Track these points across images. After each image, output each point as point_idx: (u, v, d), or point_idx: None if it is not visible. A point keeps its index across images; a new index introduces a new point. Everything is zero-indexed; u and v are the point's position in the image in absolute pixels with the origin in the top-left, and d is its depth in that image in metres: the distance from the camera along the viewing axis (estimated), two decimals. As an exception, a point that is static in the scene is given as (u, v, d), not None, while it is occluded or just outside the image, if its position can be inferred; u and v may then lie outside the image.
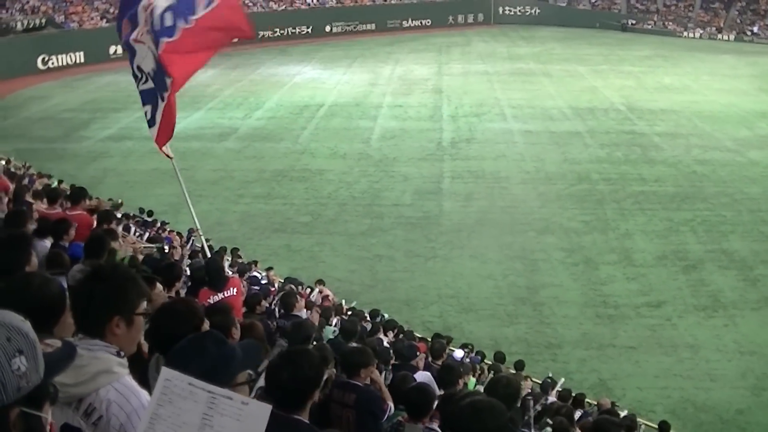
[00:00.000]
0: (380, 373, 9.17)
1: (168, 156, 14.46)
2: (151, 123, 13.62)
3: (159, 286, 8.91)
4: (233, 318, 6.84)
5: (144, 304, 4.19)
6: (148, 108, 13.60)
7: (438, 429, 7.03)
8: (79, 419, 3.83)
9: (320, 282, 24.06)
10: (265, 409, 3.06)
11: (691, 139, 47.68)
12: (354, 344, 11.92)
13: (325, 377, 6.32)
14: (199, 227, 16.83)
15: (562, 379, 19.29)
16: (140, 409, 3.79)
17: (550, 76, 69.43)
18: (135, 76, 13.47)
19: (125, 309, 4.03)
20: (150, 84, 13.19)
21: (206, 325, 5.20)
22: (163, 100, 13.04)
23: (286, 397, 4.81)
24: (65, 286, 4.95)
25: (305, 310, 15.26)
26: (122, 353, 4.00)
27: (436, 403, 7.57)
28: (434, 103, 58.69)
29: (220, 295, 10.76)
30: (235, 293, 11.13)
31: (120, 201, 30.05)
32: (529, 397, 9.57)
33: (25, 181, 24.73)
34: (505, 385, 7.62)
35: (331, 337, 13.75)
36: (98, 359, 3.87)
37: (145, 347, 5.14)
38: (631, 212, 35.28)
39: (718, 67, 74.20)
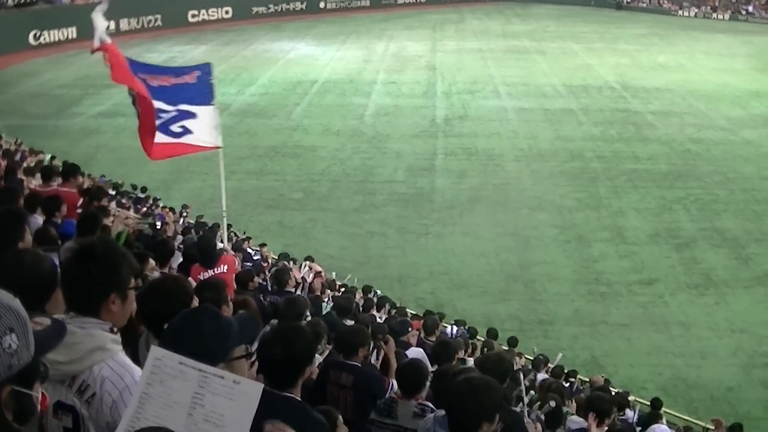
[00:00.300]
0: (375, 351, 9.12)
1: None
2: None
3: (151, 261, 8.90)
4: (225, 294, 6.83)
5: (134, 279, 4.19)
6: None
7: (431, 405, 7.02)
8: (73, 397, 3.81)
9: (309, 258, 24.08)
10: (256, 388, 3.05)
11: (685, 118, 47.68)
12: (349, 322, 11.93)
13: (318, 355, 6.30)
14: (225, 215, 17.46)
15: (560, 355, 19.32)
16: (133, 386, 3.76)
17: (545, 53, 69.32)
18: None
19: (121, 285, 4.02)
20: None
21: (195, 302, 5.18)
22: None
23: (278, 374, 4.79)
24: (56, 262, 4.93)
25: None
26: (115, 329, 3.99)
27: (429, 379, 7.55)
28: (428, 80, 58.57)
29: (211, 272, 10.76)
30: (225, 270, 11.11)
31: (120, 182, 30.10)
32: (519, 373, 9.59)
33: (17, 157, 24.68)
34: (495, 362, 7.62)
35: (324, 312, 13.71)
36: (92, 336, 3.84)
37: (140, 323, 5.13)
38: (624, 190, 35.31)
39: (713, 46, 74.13)
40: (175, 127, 14.48)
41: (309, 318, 10.16)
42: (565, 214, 32.52)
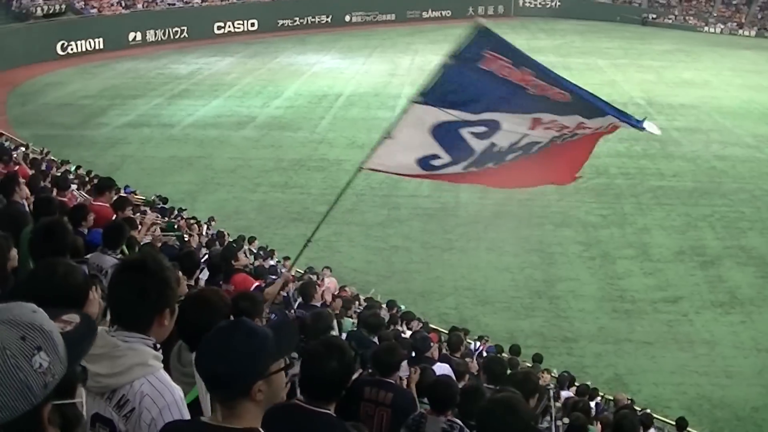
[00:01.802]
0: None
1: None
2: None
3: (179, 273, 8.90)
4: (261, 306, 6.81)
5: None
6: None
7: (459, 422, 6.99)
8: (111, 411, 3.80)
9: (327, 268, 24.21)
10: None
11: (710, 135, 47.47)
12: (381, 339, 11.89)
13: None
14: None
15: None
16: (173, 405, 3.76)
17: (570, 69, 69.00)
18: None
19: (173, 300, 4.03)
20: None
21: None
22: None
23: (323, 389, 4.76)
24: (87, 273, 4.94)
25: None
26: (158, 345, 3.98)
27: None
28: (453, 94, 58.39)
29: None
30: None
31: (153, 198, 30.21)
32: (546, 390, 9.55)
33: (42, 167, 24.78)
34: (521, 381, 7.58)
35: (352, 329, 13.70)
36: (134, 351, 3.84)
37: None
38: (649, 207, 35.18)
39: (739, 63, 73.74)
40: None
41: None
42: (590, 231, 32.42)
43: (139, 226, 13.61)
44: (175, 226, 22.16)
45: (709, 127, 49.52)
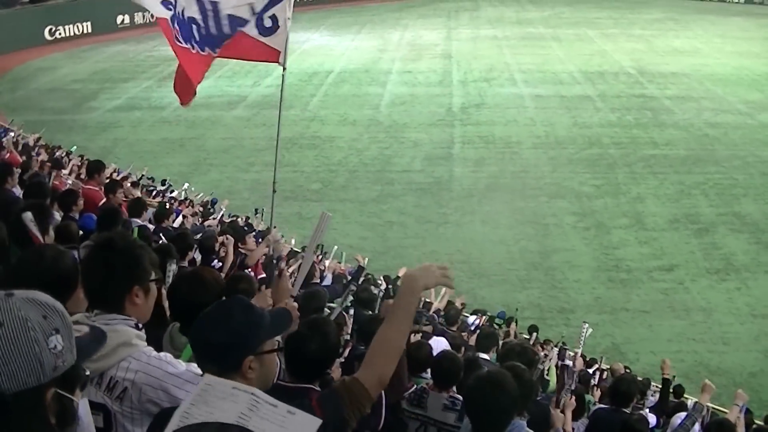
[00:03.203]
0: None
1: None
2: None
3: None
4: (257, 287, 6.84)
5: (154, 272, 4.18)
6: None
7: (460, 398, 6.99)
8: (102, 395, 3.80)
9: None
10: (314, 423, 2.91)
11: (702, 102, 47.41)
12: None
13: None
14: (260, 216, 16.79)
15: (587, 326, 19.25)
16: (169, 368, 3.78)
17: (560, 40, 69.01)
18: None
19: (143, 278, 4.02)
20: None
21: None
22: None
23: (309, 368, 4.77)
24: (77, 259, 4.93)
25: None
26: (140, 325, 3.98)
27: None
28: (443, 68, 58.39)
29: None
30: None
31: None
32: (540, 362, 9.58)
33: (34, 152, 24.73)
34: (519, 353, 7.60)
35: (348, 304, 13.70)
36: (117, 332, 3.84)
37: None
38: (642, 176, 35.18)
39: (729, 30, 73.59)
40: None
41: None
42: (584, 201, 32.43)
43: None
44: (174, 209, 22.17)
45: (701, 94, 49.45)
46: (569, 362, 12.63)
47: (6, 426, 2.42)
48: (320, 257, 22.29)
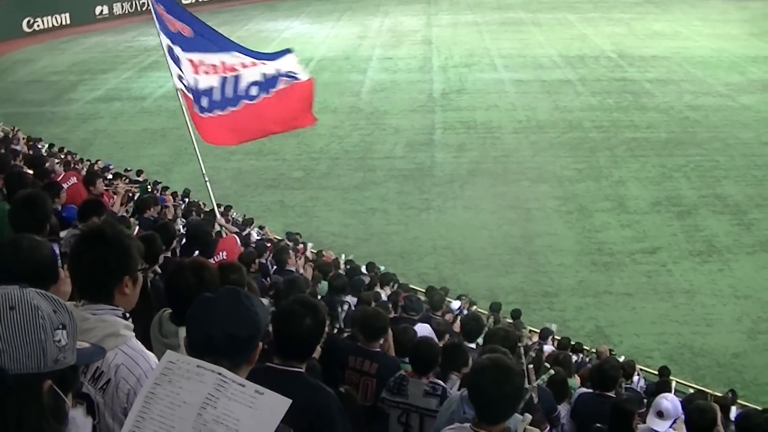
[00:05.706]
0: None
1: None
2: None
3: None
4: (245, 276, 6.81)
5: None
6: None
7: (442, 384, 6.97)
8: (87, 385, 3.77)
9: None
10: (282, 403, 2.85)
11: (682, 85, 47.55)
12: (352, 299, 11.89)
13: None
14: (215, 205, 17.02)
15: (554, 325, 19.31)
16: (149, 372, 3.72)
17: (540, 24, 69.02)
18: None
19: (133, 268, 4.00)
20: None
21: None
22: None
23: (297, 347, 4.76)
24: (57, 252, 4.88)
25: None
26: (127, 315, 3.96)
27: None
28: (424, 54, 58.36)
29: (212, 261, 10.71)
30: (225, 257, 11.03)
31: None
32: (522, 349, 9.55)
33: (14, 145, 24.64)
34: (503, 338, 7.57)
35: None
36: (105, 322, 3.81)
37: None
38: (623, 159, 35.26)
39: (709, 13, 73.74)
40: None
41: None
42: (566, 185, 32.48)
43: (114, 197, 13.65)
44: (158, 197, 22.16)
45: (681, 77, 49.58)
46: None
47: (4, 406, 2.45)
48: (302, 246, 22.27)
